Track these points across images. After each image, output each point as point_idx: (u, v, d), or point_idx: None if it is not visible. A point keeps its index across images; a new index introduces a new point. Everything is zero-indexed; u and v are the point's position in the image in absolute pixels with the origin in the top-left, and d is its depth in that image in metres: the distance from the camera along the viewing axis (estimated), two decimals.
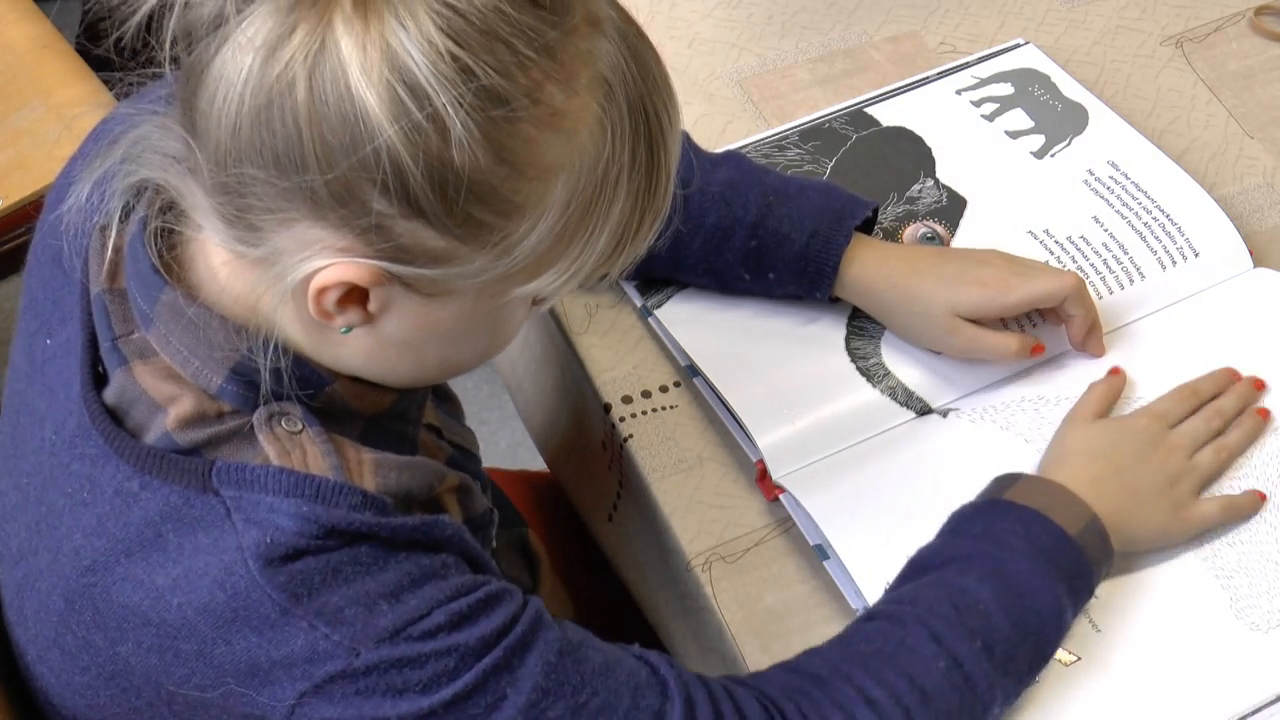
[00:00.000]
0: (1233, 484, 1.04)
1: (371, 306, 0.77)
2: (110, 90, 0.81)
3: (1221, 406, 1.06)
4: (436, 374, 0.86)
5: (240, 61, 0.71)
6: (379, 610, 0.77)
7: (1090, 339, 1.09)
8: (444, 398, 1.03)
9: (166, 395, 0.80)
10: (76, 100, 1.62)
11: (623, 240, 0.79)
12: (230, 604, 0.76)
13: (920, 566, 0.95)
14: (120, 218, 0.83)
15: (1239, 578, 1.00)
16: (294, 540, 0.76)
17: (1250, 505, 1.02)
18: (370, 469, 0.82)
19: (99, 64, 1.71)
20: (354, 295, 0.76)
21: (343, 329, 0.78)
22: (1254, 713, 0.94)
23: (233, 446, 0.80)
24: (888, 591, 0.96)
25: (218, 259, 0.80)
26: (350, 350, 0.81)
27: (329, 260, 0.74)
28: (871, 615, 0.93)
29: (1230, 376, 1.08)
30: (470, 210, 0.73)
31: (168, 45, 0.74)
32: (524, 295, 0.79)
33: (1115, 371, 1.09)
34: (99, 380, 0.83)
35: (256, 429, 0.80)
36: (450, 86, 0.69)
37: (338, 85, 0.70)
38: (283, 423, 0.80)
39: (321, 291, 0.75)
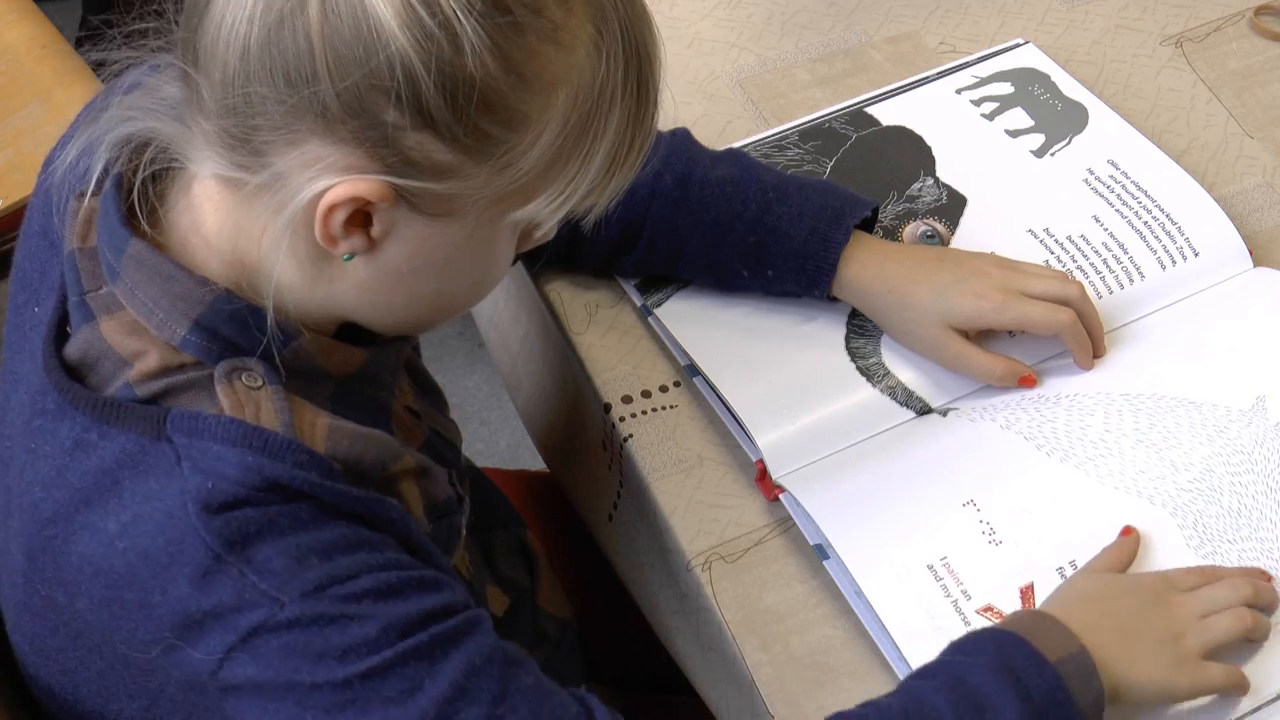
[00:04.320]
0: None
1: (375, 231, 0.78)
2: (99, 47, 0.82)
3: (1259, 587, 0.96)
4: (430, 310, 0.87)
5: None
6: (308, 564, 0.77)
7: (1093, 346, 1.09)
8: (426, 388, 1.03)
9: (132, 350, 0.81)
10: (76, 100, 1.62)
11: (614, 164, 0.81)
12: (167, 549, 0.76)
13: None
14: (99, 180, 0.84)
15: None
16: (235, 489, 0.76)
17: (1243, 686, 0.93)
18: (323, 432, 0.82)
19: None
20: (358, 218, 0.78)
21: (345, 256, 0.79)
22: (1254, 710, 0.94)
23: (190, 396, 0.80)
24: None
25: (206, 203, 0.81)
26: (346, 284, 0.82)
27: (337, 178, 0.76)
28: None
29: (1262, 575, 0.98)
30: (478, 121, 0.75)
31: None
32: (519, 219, 0.81)
33: (1127, 532, 0.99)
34: (63, 337, 0.83)
35: (215, 381, 0.80)
36: None
37: None
38: (243, 378, 0.80)
39: (331, 210, 0.76)
